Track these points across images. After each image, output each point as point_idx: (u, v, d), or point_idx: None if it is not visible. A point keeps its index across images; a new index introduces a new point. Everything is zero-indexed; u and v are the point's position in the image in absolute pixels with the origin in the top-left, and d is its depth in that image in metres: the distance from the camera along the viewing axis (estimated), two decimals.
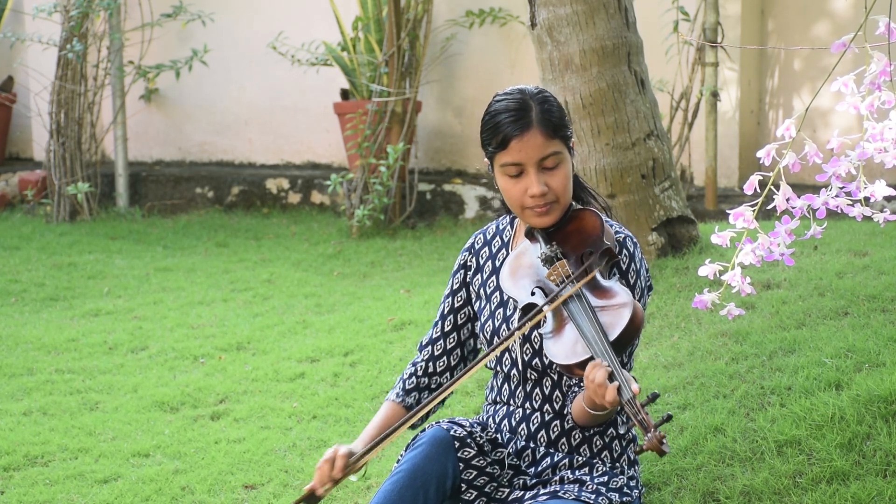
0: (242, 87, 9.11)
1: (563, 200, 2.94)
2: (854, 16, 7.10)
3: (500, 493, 2.93)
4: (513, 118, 2.89)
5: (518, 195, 2.92)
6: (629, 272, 2.96)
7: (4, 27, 9.29)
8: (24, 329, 5.74)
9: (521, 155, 2.89)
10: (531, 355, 2.98)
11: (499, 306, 3.04)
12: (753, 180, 2.26)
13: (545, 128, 2.89)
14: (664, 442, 2.54)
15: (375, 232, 7.59)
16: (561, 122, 2.93)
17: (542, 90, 2.96)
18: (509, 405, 3.05)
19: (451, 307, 3.15)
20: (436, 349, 3.15)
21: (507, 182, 2.93)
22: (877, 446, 3.31)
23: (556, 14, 4.78)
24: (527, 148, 2.89)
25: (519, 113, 2.89)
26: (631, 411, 2.60)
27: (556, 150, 2.91)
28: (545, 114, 2.90)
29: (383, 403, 3.15)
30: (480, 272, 3.12)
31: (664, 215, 4.96)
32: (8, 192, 9.06)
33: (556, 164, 2.91)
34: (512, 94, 2.94)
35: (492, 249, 3.12)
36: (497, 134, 2.91)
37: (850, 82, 2.21)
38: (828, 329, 4.03)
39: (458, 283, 3.15)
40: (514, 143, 2.89)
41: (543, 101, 2.92)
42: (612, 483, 2.94)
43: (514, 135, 2.88)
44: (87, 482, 4.00)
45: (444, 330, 3.15)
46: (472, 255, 3.15)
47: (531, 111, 2.90)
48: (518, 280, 2.94)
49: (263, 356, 5.14)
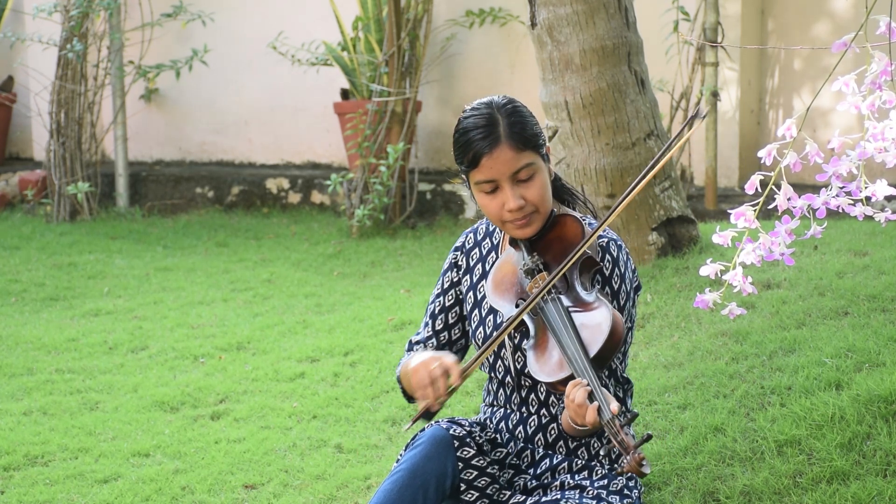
0: (242, 87, 9.11)
1: (543, 209, 2.91)
2: (854, 16, 7.10)
3: (502, 496, 2.92)
4: (481, 135, 2.85)
5: (496, 210, 2.90)
6: (612, 278, 2.95)
7: (4, 27, 9.29)
8: (24, 329, 5.73)
9: (493, 172, 2.86)
10: (523, 363, 2.97)
11: (489, 313, 3.03)
12: (755, 180, 2.26)
13: (514, 141, 2.85)
14: (644, 463, 2.53)
15: (375, 232, 7.59)
16: (531, 132, 2.88)
17: (511, 100, 2.92)
18: (506, 408, 3.05)
19: (443, 306, 3.13)
20: (427, 348, 3.12)
21: (484, 199, 2.91)
22: (877, 446, 3.31)
23: (556, 14, 4.78)
24: (498, 164, 2.85)
25: (487, 129, 2.85)
26: (610, 432, 2.58)
27: (528, 161, 2.87)
28: (513, 127, 2.86)
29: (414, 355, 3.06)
30: (470, 273, 3.10)
31: (664, 215, 4.96)
32: (8, 192, 9.06)
33: (530, 175, 2.88)
34: (479, 110, 2.90)
35: (482, 251, 3.11)
36: (467, 152, 2.87)
37: (851, 82, 2.21)
38: (828, 329, 4.03)
39: (448, 283, 3.13)
40: (485, 161, 2.85)
41: (511, 113, 2.88)
42: (612, 486, 2.94)
43: (483, 152, 2.85)
44: (87, 482, 4.00)
45: (434, 329, 3.12)
46: (463, 254, 3.13)
47: (499, 126, 2.86)
48: (503, 293, 2.93)
49: (263, 356, 5.14)
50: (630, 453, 2.54)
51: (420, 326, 3.17)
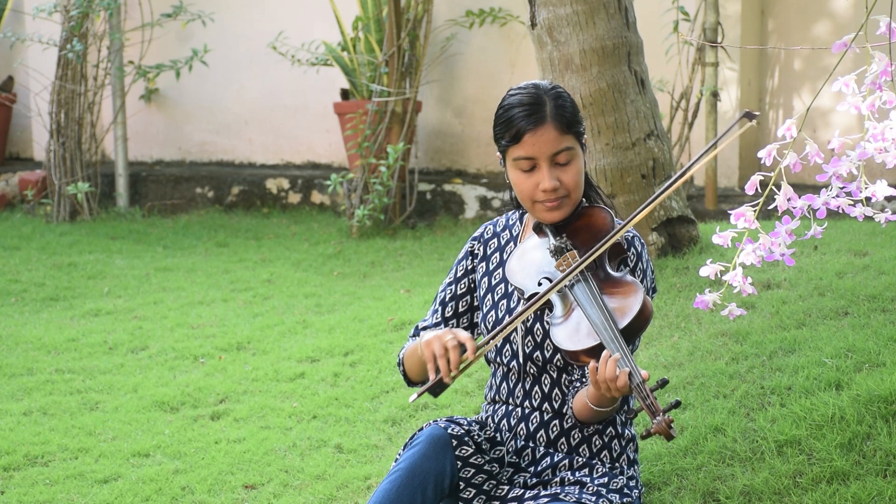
0: (242, 87, 9.11)
1: (575, 196, 2.95)
2: (854, 16, 7.10)
3: (500, 491, 2.92)
4: (526, 112, 2.90)
5: (530, 189, 2.93)
6: (636, 271, 2.97)
7: (4, 27, 9.29)
8: (24, 329, 5.74)
9: (534, 149, 2.90)
10: (532, 347, 2.98)
11: (502, 297, 3.04)
12: (755, 180, 2.26)
13: (559, 123, 2.90)
14: (672, 426, 2.58)
15: (375, 232, 7.59)
16: (574, 118, 2.94)
17: (557, 86, 2.97)
18: (508, 404, 3.05)
19: (454, 294, 3.14)
20: None
21: (519, 176, 2.94)
22: (877, 446, 3.31)
23: (556, 14, 4.78)
24: (540, 142, 2.89)
25: (533, 107, 2.90)
26: (640, 395, 2.62)
27: (568, 145, 2.92)
28: (559, 109, 2.91)
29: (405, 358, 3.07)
30: (486, 261, 3.12)
31: (664, 215, 4.96)
32: (8, 192, 9.06)
33: (568, 159, 2.92)
34: (526, 89, 2.95)
35: (500, 241, 3.13)
36: (511, 128, 2.91)
37: (851, 82, 2.21)
38: (828, 329, 4.03)
39: (462, 272, 3.14)
40: (528, 138, 2.90)
41: (557, 97, 2.93)
42: (612, 484, 2.94)
43: (527, 129, 2.89)
44: (87, 482, 4.00)
45: (444, 316, 3.13)
46: (480, 243, 3.15)
47: (545, 106, 2.91)
48: (526, 270, 2.94)
49: (263, 356, 5.14)
50: (659, 415, 2.57)
51: (428, 313, 3.17)
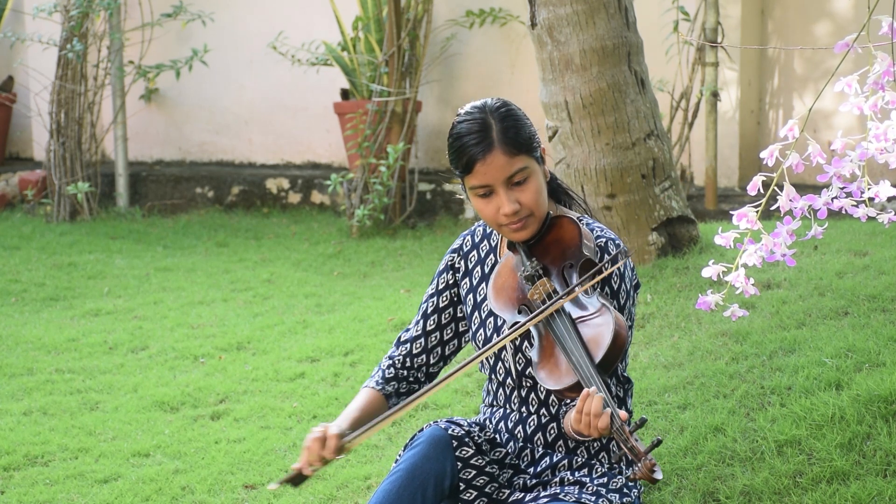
0: (242, 87, 9.11)
1: (539, 213, 2.91)
2: (854, 16, 7.10)
3: (501, 494, 2.92)
4: (474, 141, 2.85)
5: (492, 214, 2.90)
6: (612, 277, 2.94)
7: (4, 27, 9.29)
8: (24, 329, 5.73)
9: (487, 177, 2.86)
10: (524, 365, 2.97)
11: (489, 315, 3.03)
12: (757, 181, 2.26)
13: (508, 146, 2.85)
14: (655, 469, 2.52)
15: (375, 232, 7.59)
16: (524, 135, 2.87)
17: (505, 103, 2.91)
18: (505, 408, 3.05)
19: (436, 307, 3.13)
20: (415, 347, 3.12)
21: (479, 203, 2.91)
22: (877, 446, 3.31)
23: (556, 14, 4.78)
24: (491, 170, 2.85)
25: (480, 135, 2.85)
26: (620, 439, 2.58)
27: (521, 165, 2.86)
28: (506, 132, 2.85)
29: (361, 391, 3.10)
30: (469, 276, 3.10)
31: (664, 215, 4.96)
32: (8, 192, 9.06)
33: (524, 178, 2.87)
34: (472, 114, 2.89)
35: (480, 254, 3.10)
36: (461, 158, 2.88)
37: (853, 83, 2.21)
38: (828, 329, 4.03)
39: (443, 284, 3.13)
40: (479, 167, 2.85)
41: (504, 118, 2.87)
42: (611, 484, 2.94)
43: (477, 158, 2.85)
44: (87, 482, 4.00)
45: (426, 329, 3.12)
46: (461, 257, 3.13)
47: (492, 130, 2.85)
48: (504, 300, 2.92)
49: (263, 356, 5.14)
50: (641, 460, 2.53)
51: (411, 323, 3.17)
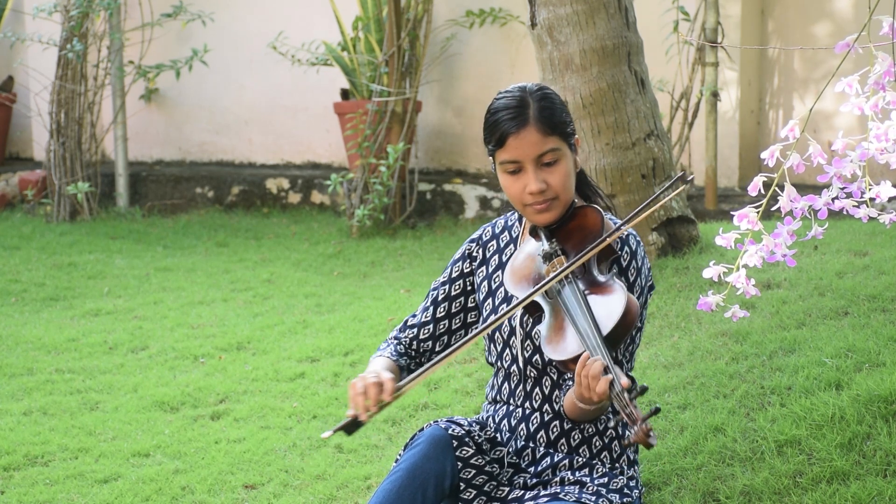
0: (242, 87, 9.11)
1: (564, 197, 2.94)
2: (855, 16, 7.10)
3: (500, 493, 2.93)
4: (510, 116, 2.90)
5: (518, 192, 2.93)
6: (629, 269, 2.96)
7: (4, 27, 9.29)
8: (24, 329, 5.73)
9: (518, 152, 2.90)
10: (532, 352, 2.98)
11: (503, 301, 3.04)
12: (758, 181, 2.26)
13: (542, 125, 2.90)
14: (651, 434, 2.53)
15: (375, 232, 7.59)
16: (559, 118, 2.93)
17: (544, 87, 2.97)
18: (509, 404, 3.05)
19: (447, 295, 3.14)
20: (422, 332, 3.13)
21: (507, 179, 2.94)
22: (877, 446, 3.31)
23: (557, 14, 4.78)
24: (523, 145, 2.89)
25: (516, 111, 2.90)
26: (619, 404, 2.59)
27: (553, 146, 2.91)
28: (542, 111, 2.90)
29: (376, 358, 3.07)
30: (486, 265, 3.12)
31: (664, 215, 4.96)
32: (8, 192, 9.06)
33: (554, 160, 2.91)
34: (511, 92, 2.95)
35: (499, 244, 3.13)
36: (495, 132, 2.92)
37: (854, 83, 2.21)
38: (828, 329, 4.03)
39: (457, 273, 3.14)
40: (511, 141, 2.90)
41: (542, 98, 2.93)
42: (612, 484, 2.94)
43: (510, 132, 2.90)
44: (87, 482, 4.00)
45: (435, 316, 3.13)
46: (479, 246, 3.15)
47: (528, 108, 2.90)
48: (519, 278, 2.94)
49: (263, 356, 5.14)
50: (637, 424, 2.55)
51: (419, 308, 3.17)
